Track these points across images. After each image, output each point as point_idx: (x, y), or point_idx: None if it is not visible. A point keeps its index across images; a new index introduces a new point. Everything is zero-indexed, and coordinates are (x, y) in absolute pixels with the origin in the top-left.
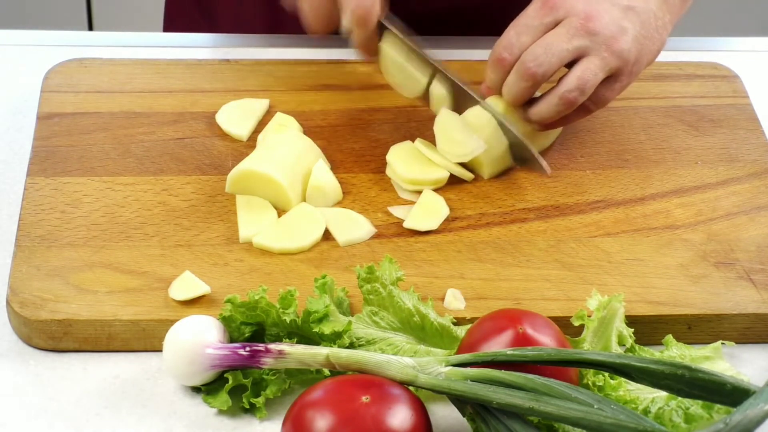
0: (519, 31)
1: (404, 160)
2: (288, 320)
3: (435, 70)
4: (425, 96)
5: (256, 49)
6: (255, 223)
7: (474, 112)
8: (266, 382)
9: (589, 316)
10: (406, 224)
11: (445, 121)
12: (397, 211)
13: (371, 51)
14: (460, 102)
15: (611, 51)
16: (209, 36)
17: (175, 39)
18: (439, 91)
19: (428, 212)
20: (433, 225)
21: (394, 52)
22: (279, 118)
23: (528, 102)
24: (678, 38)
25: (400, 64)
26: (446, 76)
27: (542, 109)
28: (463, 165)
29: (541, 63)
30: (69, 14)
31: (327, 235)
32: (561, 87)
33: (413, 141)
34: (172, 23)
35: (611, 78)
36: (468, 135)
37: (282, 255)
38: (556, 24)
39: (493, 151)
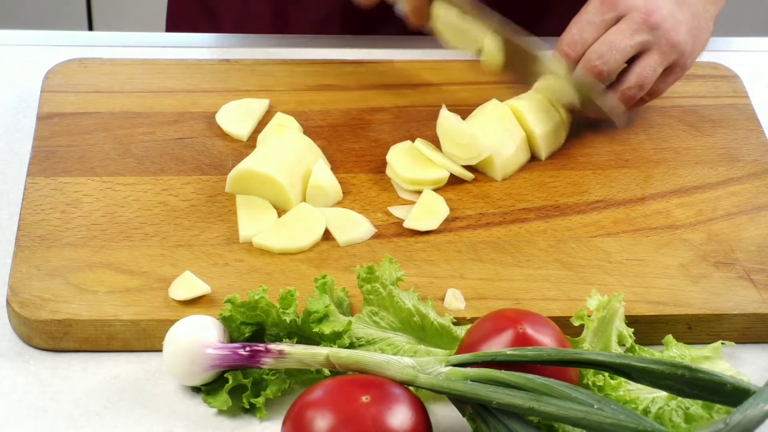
0: (581, 27)
1: (404, 160)
2: (288, 320)
3: (488, 27)
4: (480, 53)
5: (256, 49)
6: (255, 223)
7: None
8: (266, 382)
9: (589, 316)
10: (406, 224)
11: (447, 123)
12: (397, 211)
13: (422, 17)
14: (513, 58)
15: (670, 44)
16: (209, 36)
17: (175, 39)
18: (491, 46)
19: (428, 212)
20: (433, 225)
21: (447, 14)
22: (279, 118)
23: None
24: None
25: (455, 25)
26: (500, 32)
27: (602, 102)
28: (474, 168)
29: (606, 60)
30: (69, 14)
31: (327, 235)
32: (622, 84)
33: (413, 141)
34: (175, 23)
35: (667, 70)
36: (473, 138)
37: (282, 255)
38: (617, 20)
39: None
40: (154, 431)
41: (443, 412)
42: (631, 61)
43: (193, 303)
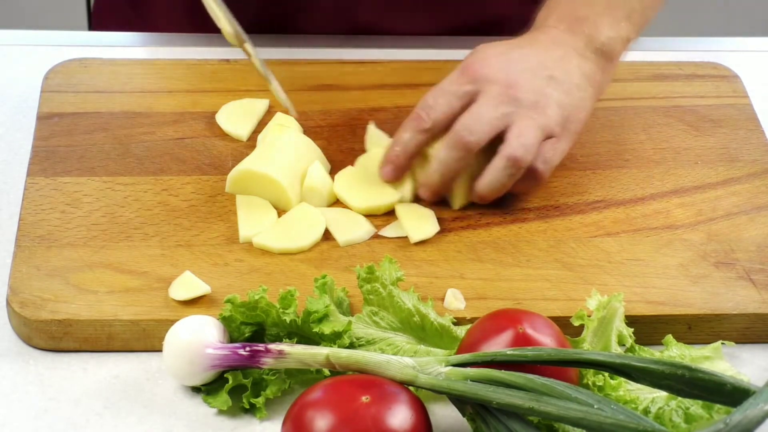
0: (437, 94)
1: (352, 188)
2: (288, 320)
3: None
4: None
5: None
6: (255, 223)
7: None
8: (266, 382)
9: (589, 316)
10: (411, 239)
11: (349, 175)
12: (388, 231)
13: None
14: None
15: (538, 113)
16: (208, 36)
17: (175, 39)
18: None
19: (416, 222)
20: (431, 232)
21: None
22: (279, 118)
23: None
24: (678, 38)
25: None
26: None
27: (491, 178)
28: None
29: (473, 131)
30: (69, 14)
31: (327, 235)
32: (503, 150)
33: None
34: (101, 22)
35: (551, 141)
36: (379, 185)
37: (282, 255)
38: (476, 93)
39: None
40: (154, 431)
41: (443, 412)
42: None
43: (193, 303)
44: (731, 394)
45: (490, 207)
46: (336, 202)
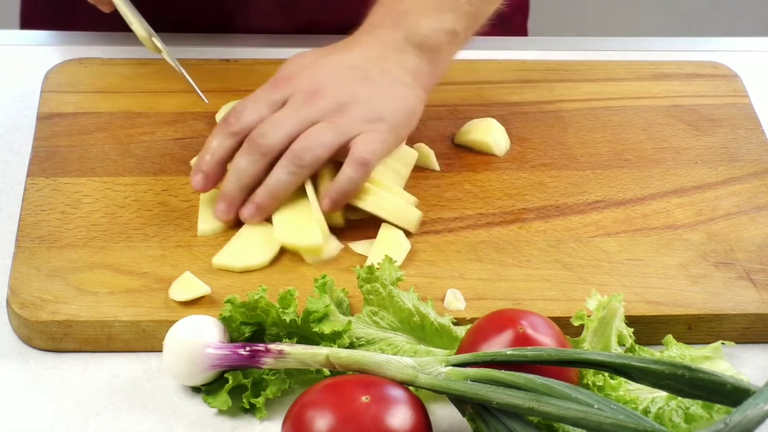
0: (247, 101)
1: (284, 214)
2: (288, 320)
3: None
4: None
5: (256, 49)
6: (215, 219)
7: None
8: (266, 382)
9: (589, 316)
10: (369, 262)
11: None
12: (357, 246)
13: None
14: None
15: (339, 114)
16: (208, 36)
17: (174, 39)
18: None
19: (389, 250)
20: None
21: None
22: None
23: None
24: (678, 38)
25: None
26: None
27: (274, 175)
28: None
29: (266, 135)
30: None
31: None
32: (289, 150)
33: (412, 143)
34: (28, 22)
35: (364, 135)
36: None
37: (281, 255)
38: (284, 101)
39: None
40: (154, 431)
41: (443, 412)
42: None
43: (193, 303)
44: (731, 394)
45: (490, 207)
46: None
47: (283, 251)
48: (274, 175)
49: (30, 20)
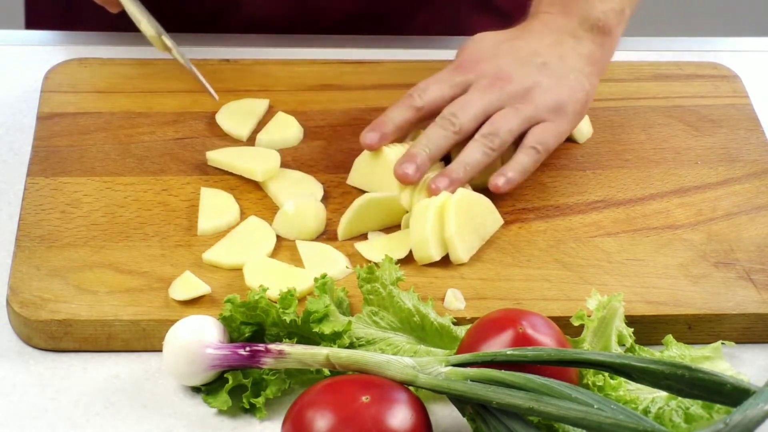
0: (431, 81)
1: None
2: (288, 320)
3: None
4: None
5: (256, 49)
6: (215, 217)
7: None
8: (266, 382)
9: (589, 316)
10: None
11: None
12: (362, 247)
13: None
14: None
15: (524, 101)
16: (208, 36)
17: (174, 39)
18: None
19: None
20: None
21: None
22: (279, 118)
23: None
24: (678, 38)
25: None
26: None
27: (469, 152)
28: None
29: (458, 115)
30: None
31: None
32: (479, 132)
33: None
34: (34, 22)
35: (544, 124)
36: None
37: (279, 254)
38: (468, 84)
39: None
40: (154, 431)
41: (443, 412)
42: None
43: (193, 303)
44: (731, 394)
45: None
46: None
47: (277, 249)
48: (469, 153)
49: (35, 20)
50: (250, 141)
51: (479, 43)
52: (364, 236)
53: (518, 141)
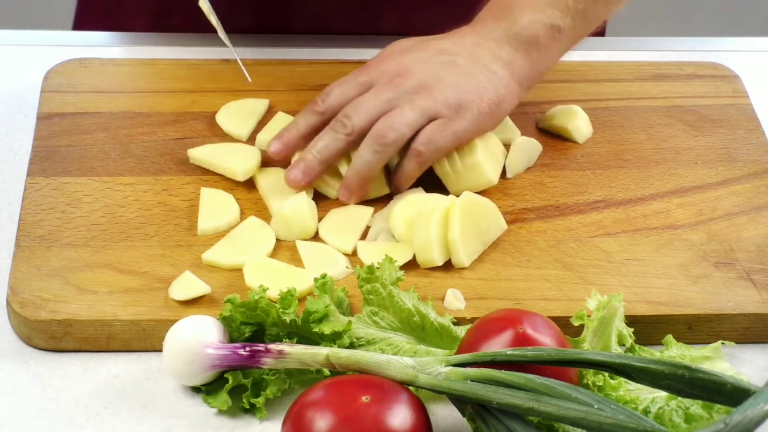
0: (335, 84)
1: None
2: (288, 320)
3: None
4: None
5: (256, 49)
6: (215, 218)
7: None
8: (266, 382)
9: (589, 316)
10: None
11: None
12: (362, 251)
13: None
14: None
15: (420, 95)
16: (209, 36)
17: (174, 39)
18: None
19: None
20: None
21: None
22: (279, 118)
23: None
24: (678, 38)
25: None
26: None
27: (360, 155)
28: None
29: (350, 116)
30: (69, 14)
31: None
32: (372, 130)
33: None
34: (85, 22)
35: (439, 122)
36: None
37: (279, 254)
38: (371, 84)
39: None
40: (154, 431)
41: (443, 412)
42: None
43: (193, 303)
44: (731, 394)
45: None
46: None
47: (277, 249)
48: (359, 156)
49: (84, 19)
50: (250, 141)
51: (394, 45)
52: (363, 236)
53: None
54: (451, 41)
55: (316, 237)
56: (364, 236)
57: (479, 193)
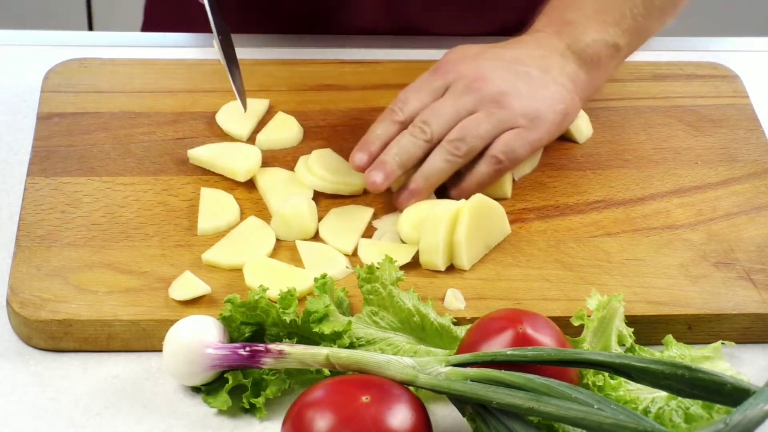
0: (409, 90)
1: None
2: (288, 320)
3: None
4: None
5: (256, 49)
6: (215, 218)
7: None
8: (266, 382)
9: (589, 316)
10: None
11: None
12: (363, 252)
13: None
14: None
15: (499, 105)
16: (208, 36)
17: (174, 39)
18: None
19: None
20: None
21: None
22: (279, 118)
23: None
24: (678, 38)
25: None
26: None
27: (432, 161)
28: None
29: (429, 122)
30: (69, 14)
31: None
32: (446, 138)
33: None
34: (151, 25)
35: (516, 131)
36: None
37: (279, 254)
38: (446, 88)
39: None
40: (154, 431)
41: (443, 412)
42: None
43: (193, 303)
44: (731, 394)
45: None
46: (315, 237)
47: (277, 249)
48: (431, 162)
49: (152, 21)
50: (250, 141)
51: (463, 49)
52: (363, 236)
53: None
54: (521, 51)
55: (316, 237)
56: (363, 237)
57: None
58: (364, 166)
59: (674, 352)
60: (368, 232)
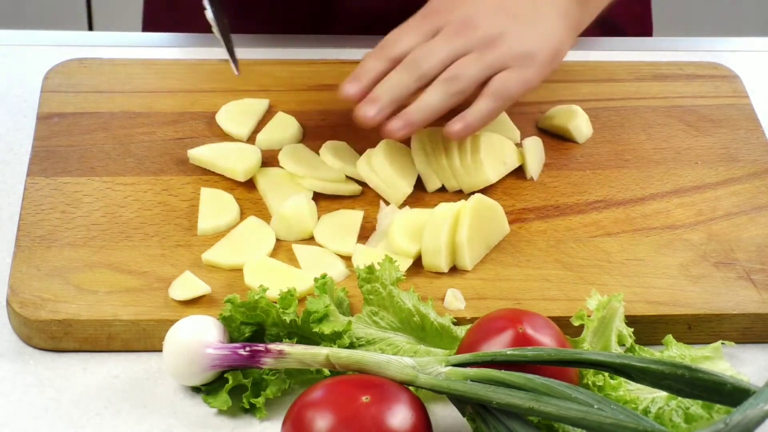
0: (401, 31)
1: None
2: (288, 320)
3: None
4: None
5: (256, 49)
6: (215, 218)
7: None
8: (266, 382)
9: (589, 316)
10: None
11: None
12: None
13: None
14: None
15: (491, 47)
16: (208, 36)
17: (174, 39)
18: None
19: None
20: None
21: None
22: (279, 118)
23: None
24: (678, 38)
25: None
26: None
27: (428, 96)
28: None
29: (421, 60)
30: (69, 14)
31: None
32: (440, 77)
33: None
34: (151, 25)
35: (508, 71)
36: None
37: (278, 254)
38: (437, 31)
39: None
40: (154, 431)
41: (443, 412)
42: None
43: (193, 303)
44: (731, 394)
45: None
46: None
47: (277, 249)
48: (427, 95)
49: (151, 21)
50: (250, 141)
51: None
52: (364, 237)
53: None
54: None
55: (312, 240)
56: (360, 238)
57: (484, 194)
58: (356, 96)
59: (674, 352)
60: (362, 233)
